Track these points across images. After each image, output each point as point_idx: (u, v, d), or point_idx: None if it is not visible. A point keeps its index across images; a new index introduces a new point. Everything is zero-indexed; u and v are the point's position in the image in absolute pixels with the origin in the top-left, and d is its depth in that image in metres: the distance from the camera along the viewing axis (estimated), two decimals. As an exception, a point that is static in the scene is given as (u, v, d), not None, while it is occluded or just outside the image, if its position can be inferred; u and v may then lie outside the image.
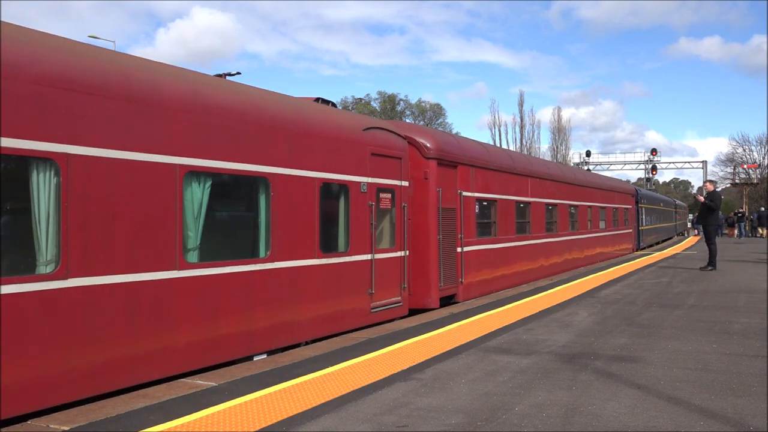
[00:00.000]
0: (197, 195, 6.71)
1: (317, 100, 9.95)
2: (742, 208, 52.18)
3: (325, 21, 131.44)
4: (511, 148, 70.31)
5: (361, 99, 73.93)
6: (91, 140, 5.56)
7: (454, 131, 76.73)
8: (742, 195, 65.02)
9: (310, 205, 8.23)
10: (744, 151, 71.40)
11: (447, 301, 11.60)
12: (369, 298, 9.43)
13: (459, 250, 11.91)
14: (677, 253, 25.95)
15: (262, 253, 7.49)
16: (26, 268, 5.23)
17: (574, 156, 68.73)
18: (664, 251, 28.02)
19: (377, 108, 73.11)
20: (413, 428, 4.57)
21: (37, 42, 5.42)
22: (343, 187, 9.00)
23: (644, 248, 31.15)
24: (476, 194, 12.77)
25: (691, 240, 40.56)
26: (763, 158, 70.17)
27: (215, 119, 6.87)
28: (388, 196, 10.05)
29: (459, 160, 12.03)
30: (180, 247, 6.39)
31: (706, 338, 7.70)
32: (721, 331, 8.17)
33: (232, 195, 7.61)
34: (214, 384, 5.99)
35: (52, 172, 5.29)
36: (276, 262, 7.60)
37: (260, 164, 7.39)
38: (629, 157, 66.25)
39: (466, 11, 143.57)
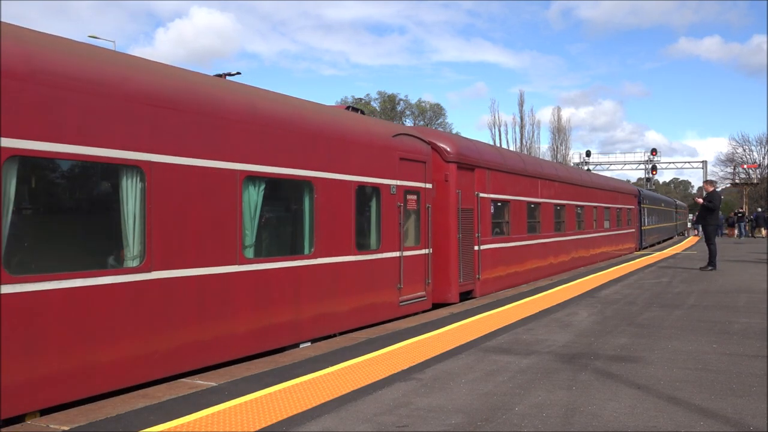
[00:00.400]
0: (253, 197, 7.49)
1: (348, 108, 10.89)
2: (742, 208, 52.20)
3: (324, 21, 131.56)
4: (511, 148, 70.33)
5: (361, 99, 73.90)
6: (169, 149, 6.32)
7: (454, 131, 76.68)
8: (742, 195, 65.02)
9: (347, 206, 8.99)
10: (744, 151, 71.50)
11: (465, 296, 12.21)
12: (398, 292, 10.15)
13: (476, 248, 12.62)
14: (677, 253, 25.95)
15: (306, 250, 8.26)
16: (117, 263, 5.99)
17: (574, 156, 68.79)
18: (664, 251, 28.02)
19: (377, 108, 73.07)
20: (413, 428, 4.57)
21: (124, 63, 6.23)
22: (375, 189, 9.74)
23: (646, 248, 31.69)
24: (491, 195, 13.49)
25: (691, 240, 40.57)
26: (763, 158, 70.24)
27: (268, 128, 7.65)
28: (414, 197, 10.77)
29: (476, 163, 12.75)
30: (240, 244, 7.15)
31: (706, 338, 7.70)
32: (721, 331, 8.17)
33: (282, 197, 8.38)
34: (214, 384, 5.99)
35: (138, 178, 6.05)
36: (319, 259, 8.35)
37: (305, 169, 8.17)
38: (629, 157, 66.29)
39: (466, 11, 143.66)
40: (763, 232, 43.37)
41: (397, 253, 10.12)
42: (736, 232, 42.79)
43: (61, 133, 5.40)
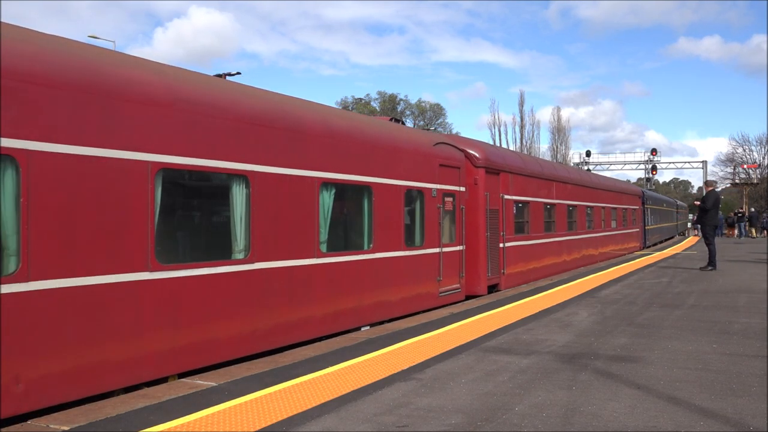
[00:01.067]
0: (326, 200, 8.74)
1: (392, 119, 12.36)
2: (741, 208, 52.26)
3: (324, 21, 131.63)
4: (511, 148, 70.33)
5: (361, 99, 73.91)
6: (267, 160, 7.55)
7: (453, 131, 76.73)
8: (742, 195, 65.04)
9: (398, 208, 10.32)
10: (744, 151, 71.52)
11: (492, 289, 13.45)
12: (438, 284, 11.45)
13: (501, 245, 13.93)
14: (677, 253, 25.95)
15: (366, 246, 9.58)
16: (226, 255, 7.15)
17: (574, 156, 68.78)
18: (664, 251, 28.02)
19: (377, 108, 73.06)
20: (413, 428, 4.57)
21: (231, 89, 7.49)
22: (420, 192, 10.98)
23: (649, 246, 32.75)
24: (514, 197, 14.73)
25: (691, 240, 40.57)
26: (763, 158, 70.26)
27: (337, 141, 8.94)
28: (450, 199, 12.02)
29: (501, 168, 14.02)
30: (317, 240, 8.47)
31: (706, 338, 7.70)
32: (721, 331, 8.17)
33: (347, 200, 9.63)
34: (214, 384, 5.99)
35: (244, 185, 7.28)
36: (376, 253, 9.70)
37: (366, 176, 9.49)
38: (629, 157, 66.30)
39: (465, 11, 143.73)
40: (754, 231, 43.37)
41: (437, 249, 11.42)
42: (735, 231, 42.84)
43: (195, 149, 6.64)
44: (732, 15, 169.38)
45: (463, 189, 12.47)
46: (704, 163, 67.34)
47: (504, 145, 69.80)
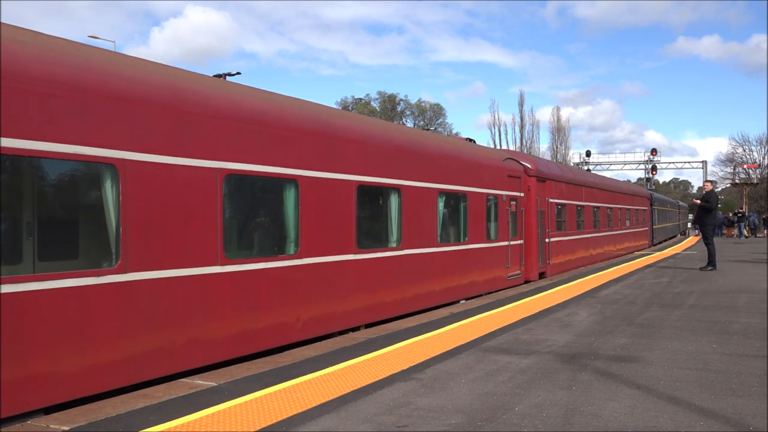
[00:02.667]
0: (440, 205, 11.47)
1: (468, 140, 15.48)
2: (741, 208, 52.33)
3: (323, 21, 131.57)
4: (511, 148, 70.31)
5: (361, 99, 73.92)
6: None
7: (453, 131, 76.74)
8: (742, 195, 65.03)
9: (482, 210, 13.19)
10: (744, 151, 71.44)
11: (540, 276, 16.35)
12: (506, 270, 14.29)
13: (547, 240, 16.82)
14: (677, 253, 25.95)
15: (462, 239, 12.42)
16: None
17: (574, 156, 68.72)
18: (664, 251, 28.03)
19: (377, 108, 73.06)
20: (413, 428, 4.57)
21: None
22: (495, 198, 13.89)
23: (656, 244, 35.84)
24: (555, 200, 17.73)
25: (691, 240, 40.58)
26: (763, 158, 70.21)
27: (448, 163, 11.89)
28: (514, 203, 14.94)
29: (546, 176, 17.00)
30: (436, 235, 11.26)
31: (706, 338, 7.70)
32: (721, 331, 8.17)
33: (451, 205, 12.15)
34: (214, 384, 5.99)
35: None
36: (469, 245, 12.60)
37: (463, 185, 12.33)
38: (629, 157, 66.21)
39: (464, 11, 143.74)
40: (746, 231, 43.43)
41: (506, 243, 14.35)
42: (735, 231, 42.90)
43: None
44: (731, 14, 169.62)
45: (522, 194, 15.39)
46: (704, 163, 67.32)
47: (504, 146, 69.86)
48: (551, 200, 17.18)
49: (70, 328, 5.38)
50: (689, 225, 61.08)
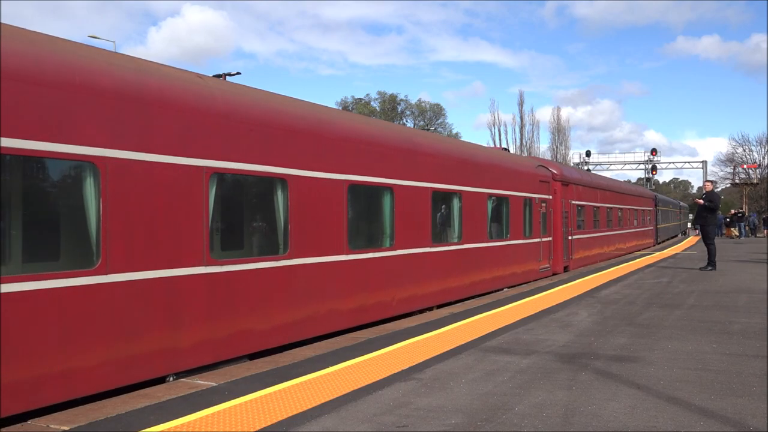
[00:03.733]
0: (489, 207, 13.55)
1: (503, 149, 18.07)
2: (741, 208, 52.36)
3: (322, 20, 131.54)
4: (511, 148, 70.30)
5: (361, 99, 73.88)
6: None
7: (453, 132, 76.73)
8: (742, 195, 65.02)
9: (520, 211, 15.36)
10: (744, 151, 71.37)
11: (564, 269, 18.48)
12: (538, 263, 16.54)
13: (570, 237, 19.08)
14: (677, 253, 25.95)
15: (505, 236, 14.50)
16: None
17: (574, 156, 68.66)
18: (664, 251, 28.03)
19: (377, 108, 73.02)
20: (413, 428, 4.57)
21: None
22: (530, 200, 15.98)
23: (660, 242, 38.27)
24: (576, 202, 19.93)
25: (691, 240, 40.58)
26: (763, 158, 70.13)
27: (497, 171, 14.26)
28: (544, 204, 17.05)
29: (569, 180, 19.24)
30: (486, 231, 13.36)
31: (706, 338, 7.70)
32: (721, 331, 8.17)
33: (496, 206, 14.22)
34: (214, 384, 5.99)
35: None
36: (511, 241, 14.76)
37: (506, 190, 14.55)
38: (629, 157, 66.10)
39: (464, 10, 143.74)
40: (734, 231, 43.32)
41: (538, 239, 16.54)
42: (735, 231, 42.94)
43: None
44: (730, 13, 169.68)
45: (550, 197, 17.54)
46: (704, 163, 67.23)
47: (504, 145, 69.80)
48: (573, 202, 19.49)
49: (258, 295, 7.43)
50: (689, 225, 61.11)
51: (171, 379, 6.30)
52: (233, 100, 7.23)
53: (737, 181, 68.57)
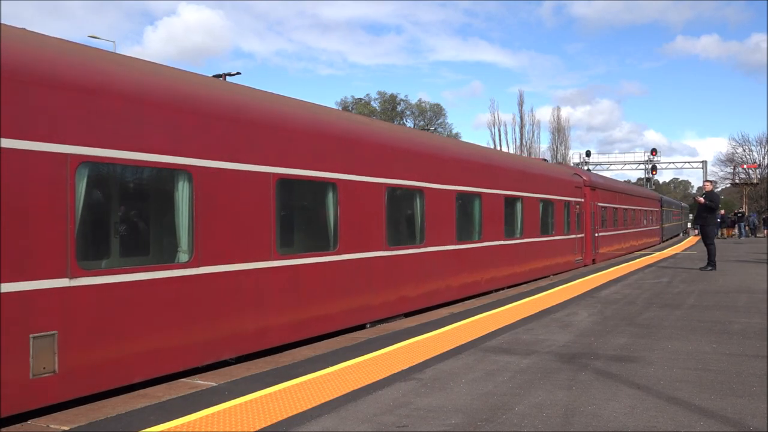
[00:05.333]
0: (540, 208, 16.44)
1: (543, 159, 22.32)
2: (741, 208, 52.36)
3: (321, 20, 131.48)
4: (511, 148, 70.30)
5: (361, 99, 73.86)
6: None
7: (453, 132, 76.71)
8: (742, 195, 65.00)
9: (562, 212, 18.62)
10: (744, 151, 71.37)
11: (593, 262, 21.78)
12: (574, 255, 19.87)
13: (596, 234, 22.30)
14: (677, 253, 25.95)
15: (550, 232, 17.48)
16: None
17: (574, 156, 68.64)
18: (664, 251, 28.03)
19: (377, 108, 73.01)
20: (413, 428, 4.57)
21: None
22: (568, 203, 19.22)
23: (665, 240, 41.58)
24: (601, 204, 23.19)
25: (691, 240, 40.58)
26: (763, 158, 70.14)
27: (545, 179, 17.48)
28: (578, 206, 20.42)
29: (595, 185, 22.72)
30: (539, 229, 16.21)
31: (706, 338, 7.70)
32: (721, 331, 8.17)
33: (545, 208, 17.09)
34: (214, 384, 5.99)
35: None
36: (555, 236, 17.85)
37: (552, 195, 17.54)
38: (629, 157, 66.04)
39: (463, 10, 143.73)
40: (725, 231, 43.49)
41: (574, 236, 19.86)
42: (735, 231, 42.96)
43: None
44: (729, 12, 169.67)
45: (582, 200, 20.84)
46: (704, 163, 67.15)
47: (504, 146, 69.88)
48: (599, 204, 22.77)
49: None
50: (689, 225, 61.15)
51: (368, 326, 9.63)
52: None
53: (737, 181, 68.56)
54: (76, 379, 5.45)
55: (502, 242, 14.23)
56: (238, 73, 32.70)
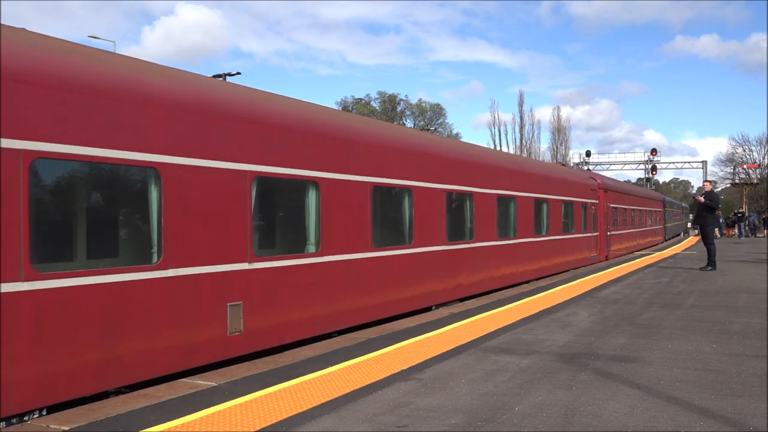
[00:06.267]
0: (562, 209, 18.58)
1: (561, 164, 28.83)
2: (741, 208, 52.37)
3: (320, 20, 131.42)
4: (511, 148, 70.29)
5: (361, 99, 73.85)
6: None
7: (453, 132, 76.70)
8: (742, 195, 64.99)
9: (580, 212, 20.69)
10: (744, 151, 71.35)
11: (606, 258, 23.64)
12: (590, 252, 21.82)
13: (608, 233, 24.29)
14: (677, 253, 25.95)
15: (570, 230, 19.34)
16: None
17: (574, 156, 68.61)
18: (664, 251, 28.02)
19: (377, 108, 72.99)
20: (413, 428, 4.57)
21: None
22: (585, 204, 21.32)
23: (668, 239, 43.85)
24: (612, 205, 25.12)
25: (691, 240, 40.57)
26: (763, 158, 70.12)
27: (565, 182, 19.62)
28: (593, 207, 22.44)
29: (608, 188, 24.64)
30: (562, 227, 18.43)
31: (706, 338, 7.70)
32: (721, 331, 8.17)
33: (568, 209, 19.24)
34: (214, 384, 5.99)
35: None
36: (574, 234, 19.86)
37: (572, 197, 19.58)
38: (629, 157, 66.03)
39: (462, 10, 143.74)
40: (715, 232, 43.62)
41: (590, 234, 21.93)
42: (734, 231, 42.98)
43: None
44: (729, 11, 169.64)
45: (597, 201, 22.88)
46: (704, 163, 67.11)
47: (504, 146, 69.89)
48: (611, 204, 24.76)
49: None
50: (689, 225, 61.19)
51: (433, 308, 11.44)
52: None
53: (737, 181, 68.53)
54: (253, 338, 7.30)
55: (532, 239, 16.26)
56: (238, 73, 32.67)
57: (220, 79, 8.47)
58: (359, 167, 9.33)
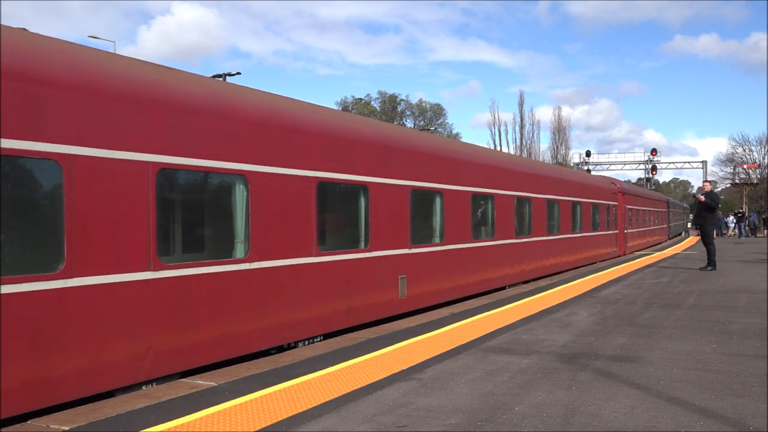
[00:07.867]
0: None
1: (587, 171, 38.59)
2: (741, 208, 52.38)
3: (319, 20, 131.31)
4: (511, 148, 70.30)
5: (361, 99, 73.85)
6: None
7: (453, 132, 76.70)
8: (742, 195, 65.00)
9: (603, 212, 23.83)
10: (744, 151, 71.29)
11: (624, 254, 26.53)
12: (612, 247, 24.79)
13: (625, 231, 27.24)
14: (677, 253, 25.96)
15: (594, 228, 22.32)
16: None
17: (574, 156, 68.58)
18: (664, 251, 28.04)
19: (377, 108, 72.99)
20: (413, 428, 4.57)
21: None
22: (607, 206, 24.10)
23: (671, 238, 46.12)
24: (628, 206, 27.94)
25: (691, 240, 40.57)
26: (763, 158, 70.07)
27: (588, 187, 22.64)
28: (614, 208, 25.30)
29: (625, 191, 27.62)
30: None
31: (706, 338, 7.70)
32: (721, 331, 8.17)
33: (594, 211, 22.50)
34: (214, 384, 5.99)
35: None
36: (599, 232, 23.14)
37: (598, 199, 23.21)
38: (629, 157, 65.92)
39: (461, 10, 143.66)
40: (711, 232, 43.80)
41: (611, 232, 24.90)
42: (734, 231, 42.99)
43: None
44: (728, 11, 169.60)
45: (616, 203, 25.73)
46: (704, 163, 67.00)
47: (504, 147, 69.92)
48: (627, 206, 27.56)
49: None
50: (689, 225, 61.25)
51: (507, 287, 14.35)
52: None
53: (737, 181, 68.53)
54: (411, 301, 10.55)
55: (567, 236, 19.09)
56: (238, 73, 32.63)
57: (220, 79, 8.47)
58: (462, 180, 12.40)
